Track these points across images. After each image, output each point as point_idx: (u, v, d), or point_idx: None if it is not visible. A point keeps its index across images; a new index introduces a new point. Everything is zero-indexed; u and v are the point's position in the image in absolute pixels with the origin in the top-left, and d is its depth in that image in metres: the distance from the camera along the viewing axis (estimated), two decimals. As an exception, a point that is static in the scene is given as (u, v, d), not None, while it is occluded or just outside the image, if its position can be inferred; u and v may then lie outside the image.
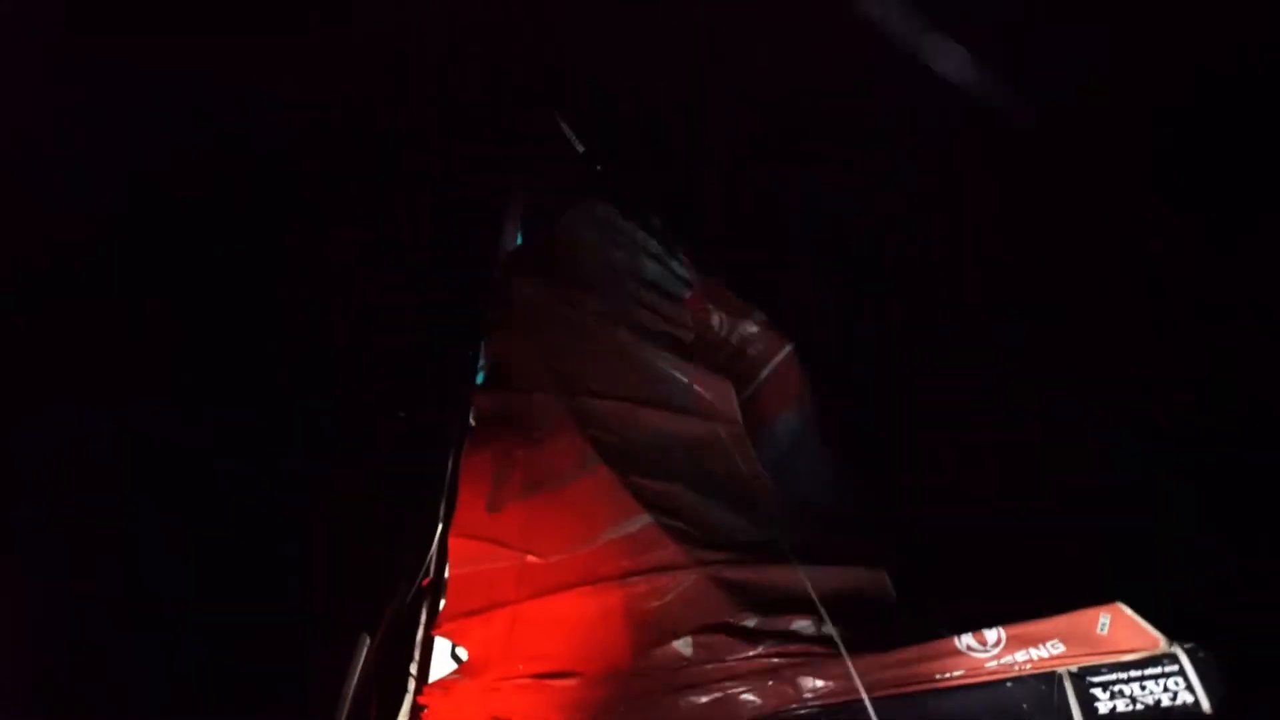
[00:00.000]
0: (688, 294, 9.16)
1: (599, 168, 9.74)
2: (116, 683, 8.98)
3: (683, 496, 7.24)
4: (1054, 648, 5.67)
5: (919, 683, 5.75)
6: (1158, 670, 5.46)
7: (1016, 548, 8.35)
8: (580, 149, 9.86)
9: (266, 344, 10.90)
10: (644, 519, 6.87)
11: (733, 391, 8.20)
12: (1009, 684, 5.65)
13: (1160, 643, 5.51)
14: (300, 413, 9.97)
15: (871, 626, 6.32)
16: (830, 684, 5.84)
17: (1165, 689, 5.43)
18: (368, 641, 6.76)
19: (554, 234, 9.03)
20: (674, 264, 9.31)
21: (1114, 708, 5.46)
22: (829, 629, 6.27)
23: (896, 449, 9.51)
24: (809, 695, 5.84)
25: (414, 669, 6.56)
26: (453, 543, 6.89)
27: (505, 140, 9.69)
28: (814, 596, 6.49)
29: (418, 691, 6.31)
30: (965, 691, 5.68)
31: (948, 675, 5.73)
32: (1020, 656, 5.68)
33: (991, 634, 5.77)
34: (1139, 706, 5.43)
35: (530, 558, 6.79)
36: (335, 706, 6.49)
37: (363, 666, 6.64)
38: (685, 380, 8.21)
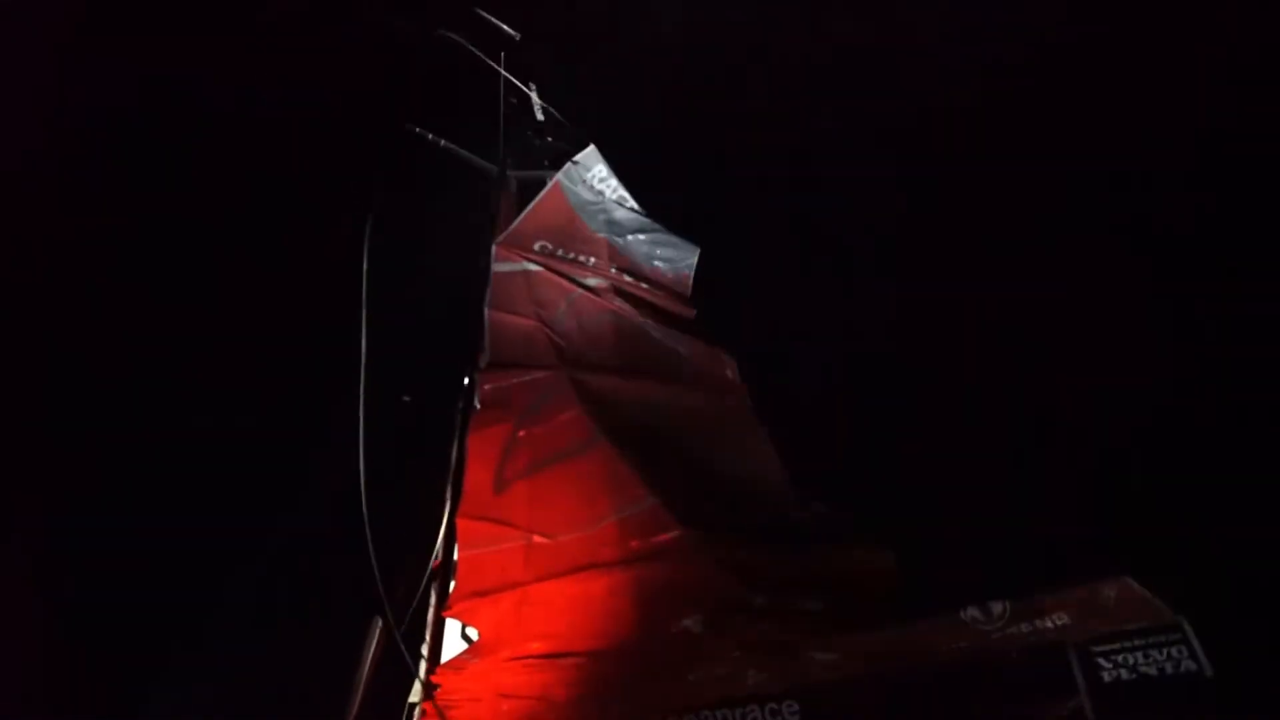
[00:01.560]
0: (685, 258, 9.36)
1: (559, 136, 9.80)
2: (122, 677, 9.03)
3: (688, 475, 7.29)
4: (1059, 619, 5.74)
5: (925, 655, 5.81)
6: (1161, 639, 5.53)
7: (1021, 524, 8.39)
8: (540, 116, 9.95)
9: (264, 333, 10.92)
10: (650, 499, 6.92)
11: (732, 361, 8.28)
12: (1014, 656, 5.72)
13: (1165, 613, 5.59)
14: (301, 399, 9.99)
15: (878, 601, 6.39)
16: (838, 658, 5.90)
17: (1169, 658, 5.49)
18: (379, 624, 6.81)
19: (547, 204, 9.05)
20: (670, 240, 9.43)
21: (1118, 677, 5.51)
22: (836, 605, 6.34)
23: (900, 428, 9.57)
24: (817, 670, 5.90)
25: (425, 649, 6.60)
26: (460, 525, 6.95)
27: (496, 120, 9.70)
28: (821, 574, 6.58)
29: (430, 671, 6.35)
30: (971, 664, 5.74)
31: (953, 647, 5.80)
32: (1025, 628, 5.76)
33: (996, 606, 5.84)
34: (1143, 676, 5.49)
35: (538, 539, 6.85)
36: (349, 689, 6.55)
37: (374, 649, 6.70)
38: (684, 352, 8.27)
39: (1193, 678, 5.45)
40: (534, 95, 9.81)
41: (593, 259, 8.76)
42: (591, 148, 9.23)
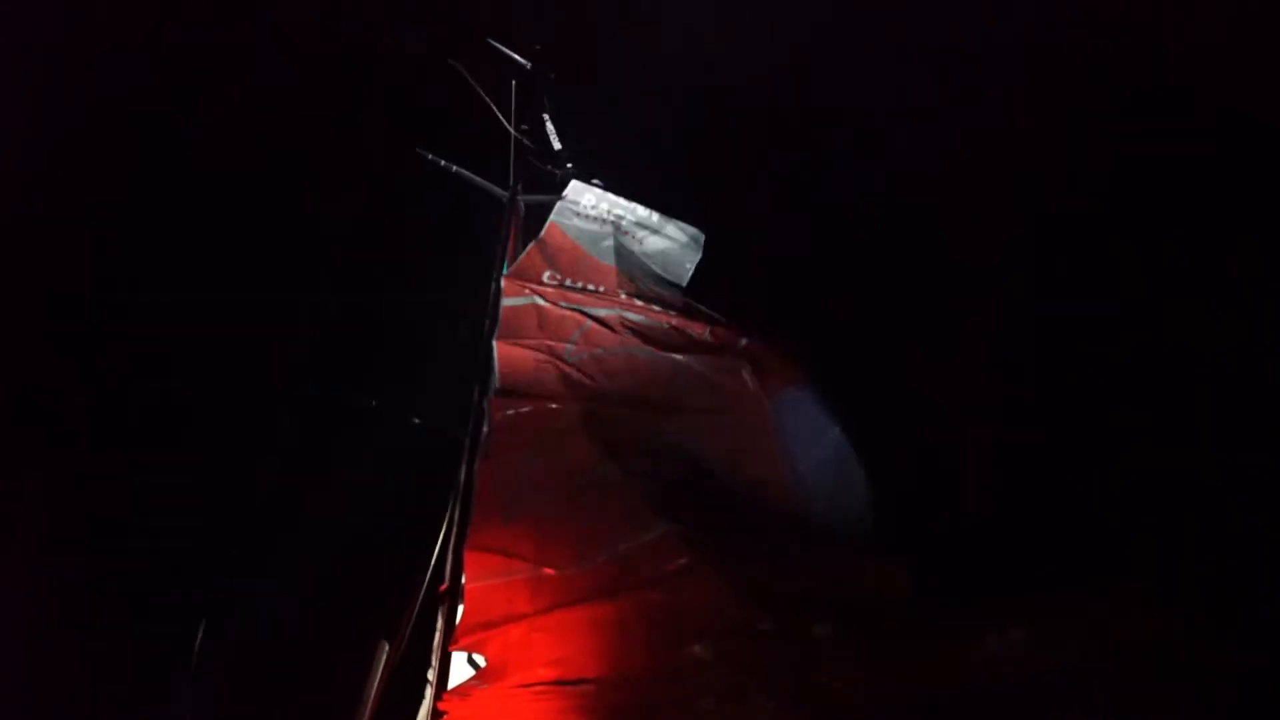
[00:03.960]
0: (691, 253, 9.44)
1: (570, 165, 9.83)
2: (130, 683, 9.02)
3: (699, 500, 7.26)
4: (1079, 644, 5.74)
5: (942, 682, 5.80)
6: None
7: (1037, 541, 8.39)
8: (558, 145, 9.99)
9: (278, 349, 10.88)
10: (660, 528, 6.86)
11: (750, 373, 8.27)
12: (1033, 680, 5.71)
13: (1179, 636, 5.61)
14: (314, 416, 9.97)
15: (892, 625, 6.38)
16: (850, 684, 5.88)
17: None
18: (386, 648, 6.79)
19: (551, 237, 9.08)
20: (672, 228, 9.47)
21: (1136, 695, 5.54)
22: (849, 629, 6.31)
23: (911, 446, 9.56)
24: (829, 696, 5.88)
25: (432, 675, 6.57)
26: (469, 556, 6.85)
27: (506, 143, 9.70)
28: (834, 596, 6.55)
29: (436, 697, 6.31)
30: (989, 691, 5.73)
31: (972, 674, 5.78)
32: (1045, 654, 5.76)
33: (1016, 632, 5.83)
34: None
35: (546, 570, 6.76)
36: (356, 711, 6.54)
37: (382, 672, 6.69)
38: (698, 370, 8.26)
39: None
40: (548, 121, 9.81)
41: (601, 287, 8.78)
42: (575, 181, 9.29)
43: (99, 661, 9.34)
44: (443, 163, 9.42)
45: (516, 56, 10.01)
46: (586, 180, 9.34)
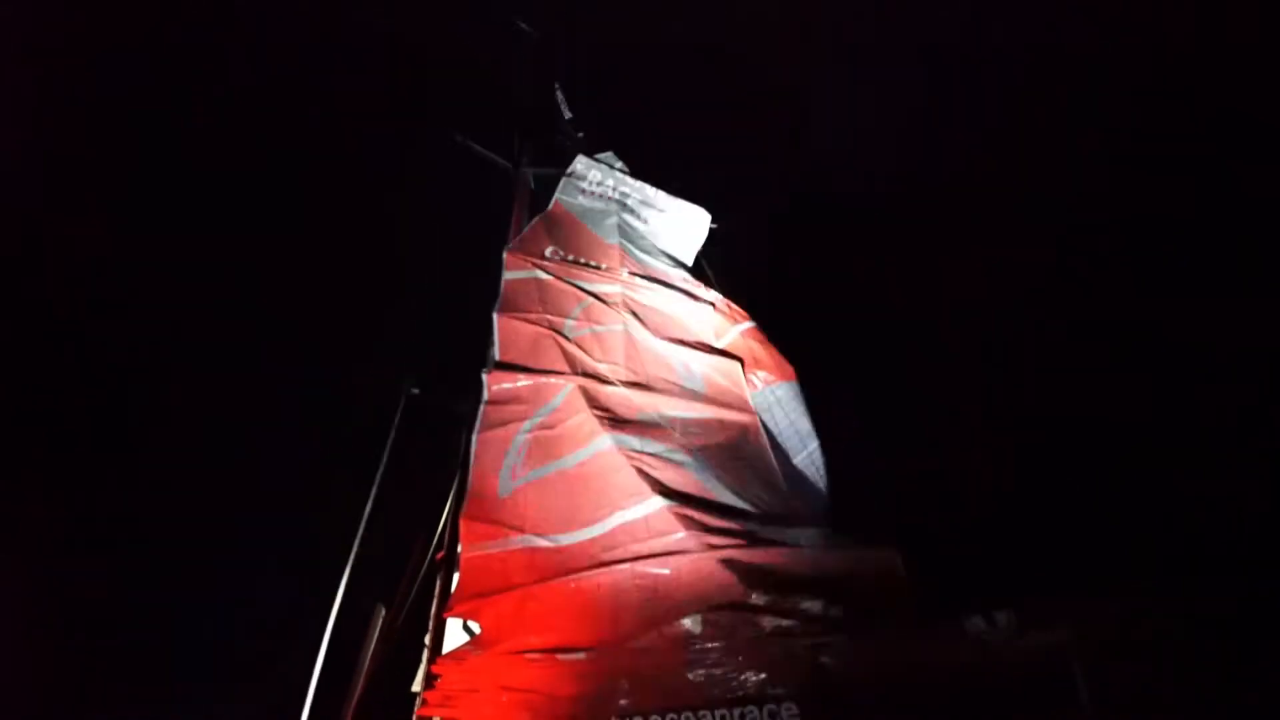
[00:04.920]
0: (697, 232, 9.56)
1: (581, 134, 9.89)
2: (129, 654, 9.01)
3: (694, 480, 7.25)
4: (1063, 629, 5.73)
5: (928, 662, 5.80)
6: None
7: (1037, 541, 8.38)
8: (569, 115, 10.05)
9: (278, 329, 10.89)
10: (656, 503, 6.92)
11: (742, 375, 8.30)
12: (1017, 665, 5.70)
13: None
14: (314, 391, 9.98)
15: (881, 607, 6.39)
16: (839, 662, 5.88)
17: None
18: (383, 612, 6.79)
19: (554, 213, 9.14)
20: (677, 206, 9.53)
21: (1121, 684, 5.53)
22: (837, 609, 6.33)
23: (906, 434, 9.56)
24: (818, 674, 5.87)
25: (428, 639, 6.55)
26: (465, 526, 6.84)
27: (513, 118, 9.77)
28: (824, 577, 6.55)
29: (431, 661, 6.29)
30: (974, 672, 5.74)
31: (957, 655, 5.78)
32: (1030, 638, 5.76)
33: (1001, 616, 5.84)
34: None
35: (542, 542, 6.78)
36: (352, 675, 6.53)
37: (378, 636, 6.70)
38: (696, 366, 8.28)
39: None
40: (559, 94, 9.90)
41: (604, 264, 8.86)
42: (581, 157, 9.35)
43: (98, 661, 9.31)
44: (455, 136, 9.48)
45: (523, 25, 10.09)
46: (592, 155, 9.43)
